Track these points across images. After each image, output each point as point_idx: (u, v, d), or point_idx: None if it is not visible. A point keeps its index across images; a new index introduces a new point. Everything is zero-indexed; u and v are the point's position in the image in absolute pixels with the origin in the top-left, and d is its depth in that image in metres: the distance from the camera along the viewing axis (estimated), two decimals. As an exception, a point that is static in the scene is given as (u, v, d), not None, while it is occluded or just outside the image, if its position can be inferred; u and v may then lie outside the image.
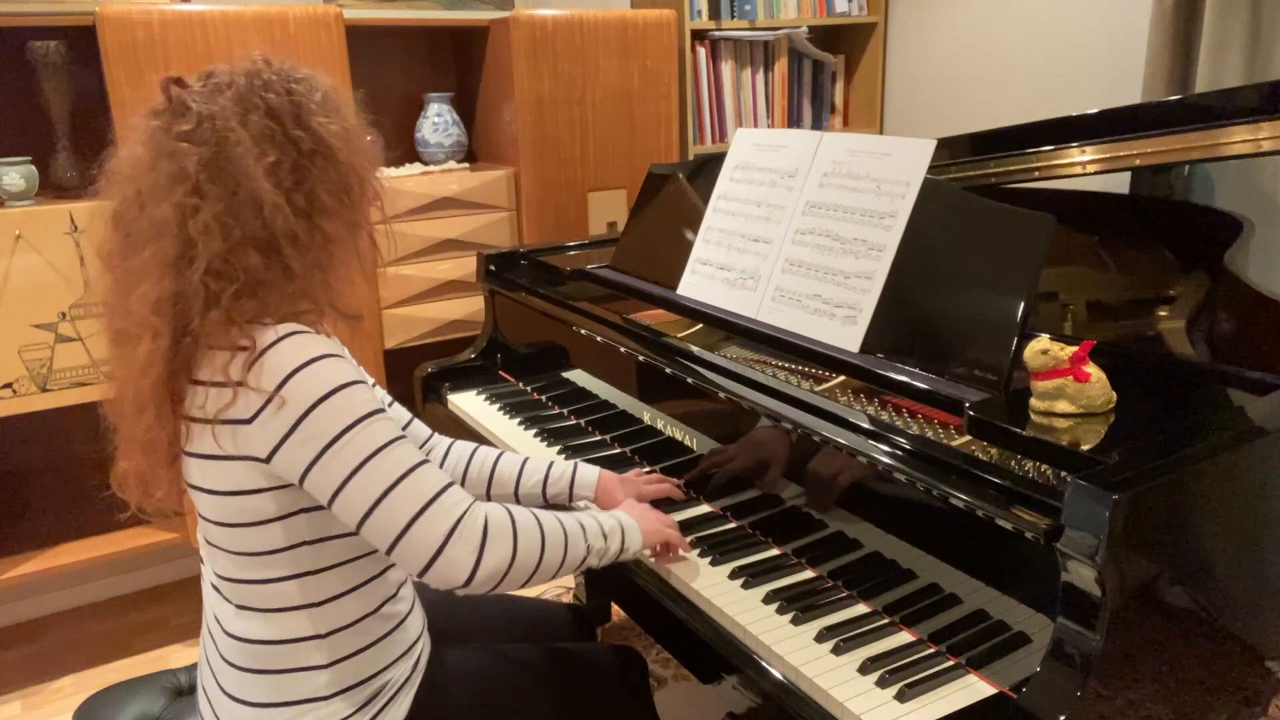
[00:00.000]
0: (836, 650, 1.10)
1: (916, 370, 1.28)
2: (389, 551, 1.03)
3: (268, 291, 1.04)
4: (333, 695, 1.11)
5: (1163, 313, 1.56)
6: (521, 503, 1.42)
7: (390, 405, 1.34)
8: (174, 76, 1.07)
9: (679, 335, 1.55)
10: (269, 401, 1.00)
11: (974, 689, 1.03)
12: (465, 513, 1.04)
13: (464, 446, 1.44)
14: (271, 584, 1.08)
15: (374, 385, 1.28)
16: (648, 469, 1.59)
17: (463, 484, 1.41)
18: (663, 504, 1.44)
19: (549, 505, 1.43)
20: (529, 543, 1.09)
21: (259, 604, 1.09)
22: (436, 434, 1.44)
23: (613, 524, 1.21)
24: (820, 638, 1.13)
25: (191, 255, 1.01)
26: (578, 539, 1.15)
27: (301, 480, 1.02)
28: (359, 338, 2.22)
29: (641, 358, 1.58)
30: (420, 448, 1.40)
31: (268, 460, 1.02)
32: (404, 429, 1.37)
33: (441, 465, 1.42)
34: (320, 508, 1.06)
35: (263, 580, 1.08)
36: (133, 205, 1.04)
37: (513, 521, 1.09)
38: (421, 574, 1.03)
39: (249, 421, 1.01)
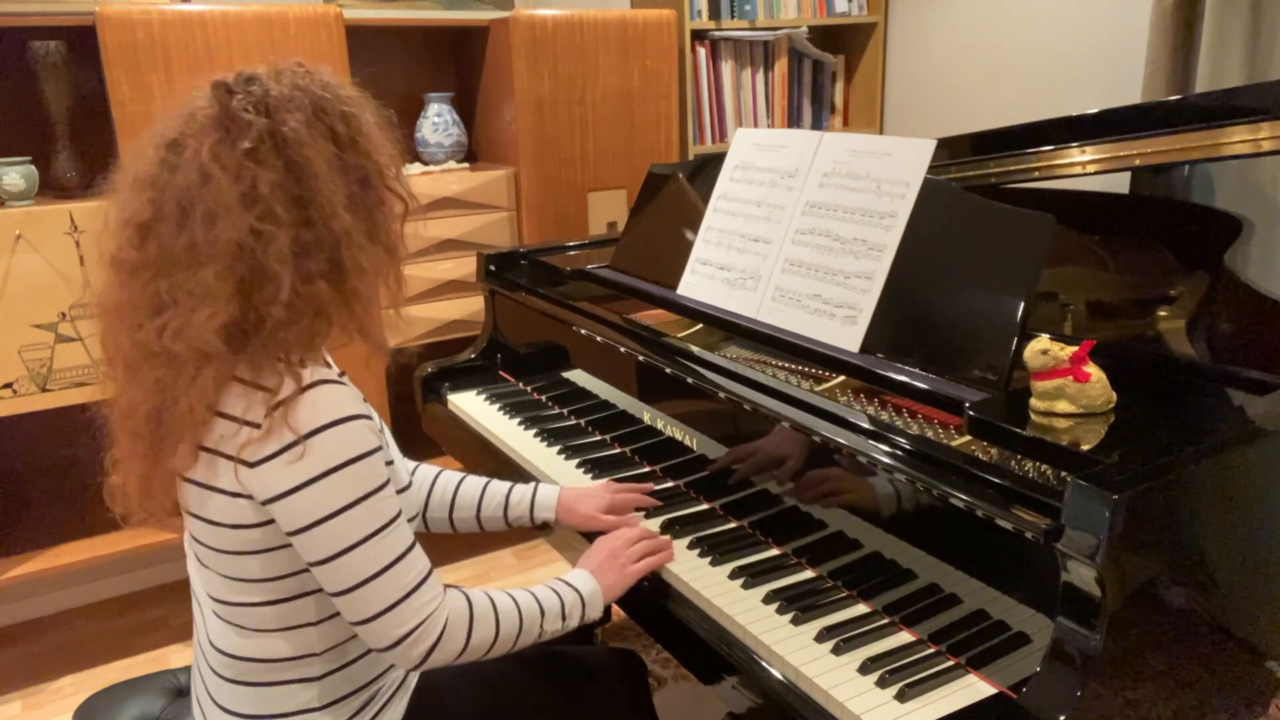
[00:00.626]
0: (836, 650, 1.10)
1: (916, 370, 1.28)
2: (352, 623, 1.04)
3: (326, 324, 1.03)
4: (325, 706, 1.11)
5: (1163, 313, 1.56)
6: (484, 526, 1.41)
7: (382, 430, 1.31)
8: (223, 82, 1.02)
9: (679, 335, 1.55)
10: (285, 450, 0.97)
11: (974, 689, 1.03)
12: (429, 616, 1.05)
13: (427, 472, 1.41)
14: (264, 607, 1.07)
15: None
16: (647, 469, 1.59)
17: (425, 509, 1.40)
18: (669, 504, 1.45)
19: (511, 529, 1.43)
20: (481, 640, 1.10)
21: (251, 624, 1.08)
22: (408, 461, 1.42)
23: (573, 600, 1.20)
24: (820, 638, 1.13)
25: (265, 283, 0.98)
26: (533, 625, 1.15)
27: (291, 535, 1.01)
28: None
29: (641, 358, 1.58)
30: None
31: (264, 504, 1.00)
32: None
33: (404, 491, 1.40)
34: None
35: (255, 604, 1.07)
36: (174, 218, 0.99)
37: (470, 621, 1.09)
38: (377, 650, 1.06)
39: (253, 465, 0.99)
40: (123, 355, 1.04)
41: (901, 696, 1.02)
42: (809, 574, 1.27)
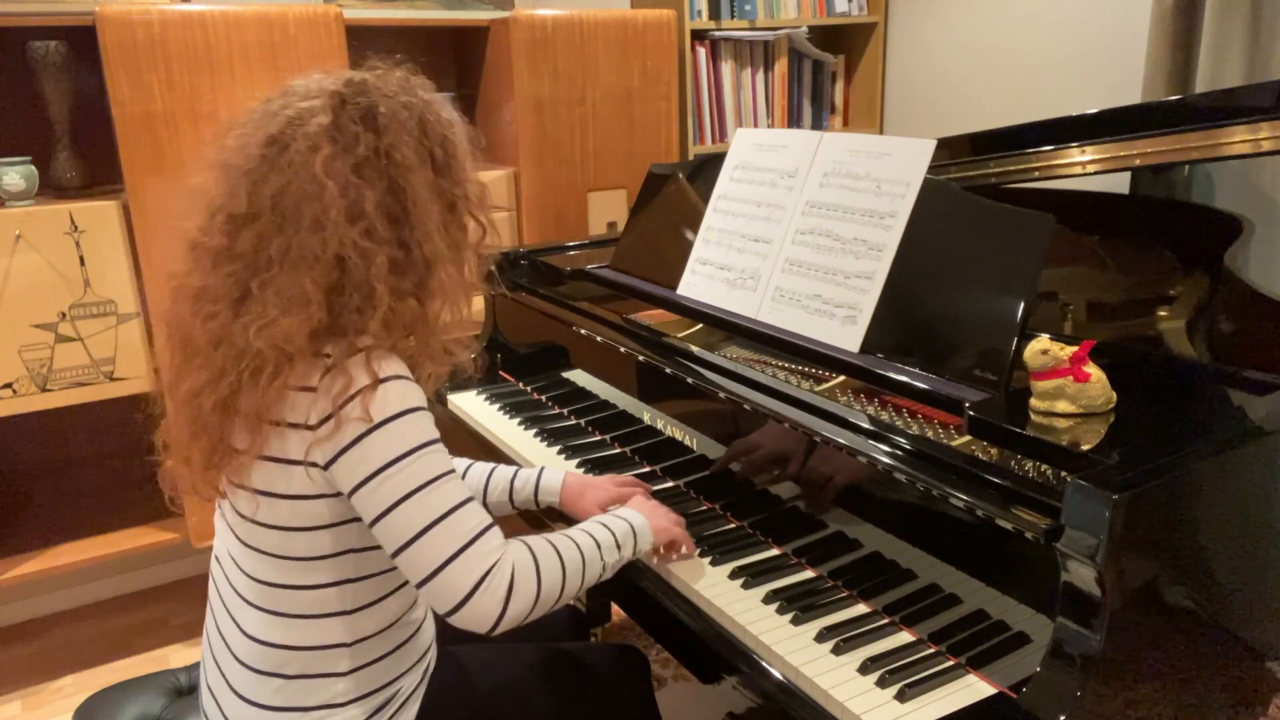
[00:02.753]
0: (836, 650, 1.10)
1: (916, 370, 1.28)
2: (419, 586, 1.03)
3: (409, 338, 1.06)
4: (349, 702, 1.11)
5: (1163, 313, 1.56)
6: (490, 511, 1.41)
7: None
8: (338, 91, 1.05)
9: (679, 335, 1.55)
10: (349, 400, 0.99)
11: (974, 689, 1.03)
12: (495, 564, 1.03)
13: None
14: (311, 590, 1.07)
15: None
16: (647, 469, 1.59)
17: None
18: (669, 504, 1.45)
19: (516, 510, 1.44)
20: (551, 584, 1.09)
21: (293, 609, 1.08)
22: None
23: (625, 530, 1.22)
24: (820, 638, 1.13)
25: (359, 296, 1.02)
26: (594, 558, 1.16)
27: (350, 494, 1.02)
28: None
29: (641, 358, 1.58)
30: None
31: (325, 468, 1.02)
32: None
33: None
34: None
35: (303, 586, 1.07)
36: (271, 217, 1.02)
37: (536, 566, 1.08)
38: (448, 615, 1.03)
39: (314, 428, 1.00)
40: (187, 339, 1.07)
41: (901, 696, 1.02)
42: (809, 574, 1.27)
